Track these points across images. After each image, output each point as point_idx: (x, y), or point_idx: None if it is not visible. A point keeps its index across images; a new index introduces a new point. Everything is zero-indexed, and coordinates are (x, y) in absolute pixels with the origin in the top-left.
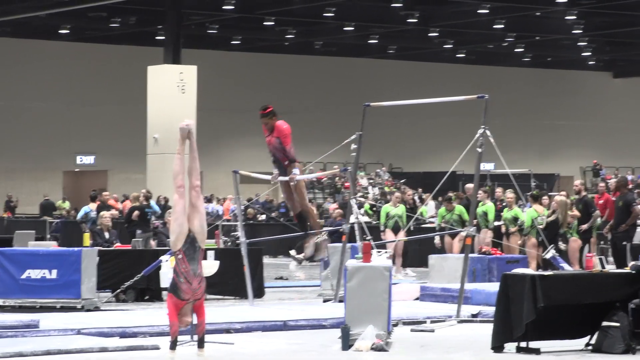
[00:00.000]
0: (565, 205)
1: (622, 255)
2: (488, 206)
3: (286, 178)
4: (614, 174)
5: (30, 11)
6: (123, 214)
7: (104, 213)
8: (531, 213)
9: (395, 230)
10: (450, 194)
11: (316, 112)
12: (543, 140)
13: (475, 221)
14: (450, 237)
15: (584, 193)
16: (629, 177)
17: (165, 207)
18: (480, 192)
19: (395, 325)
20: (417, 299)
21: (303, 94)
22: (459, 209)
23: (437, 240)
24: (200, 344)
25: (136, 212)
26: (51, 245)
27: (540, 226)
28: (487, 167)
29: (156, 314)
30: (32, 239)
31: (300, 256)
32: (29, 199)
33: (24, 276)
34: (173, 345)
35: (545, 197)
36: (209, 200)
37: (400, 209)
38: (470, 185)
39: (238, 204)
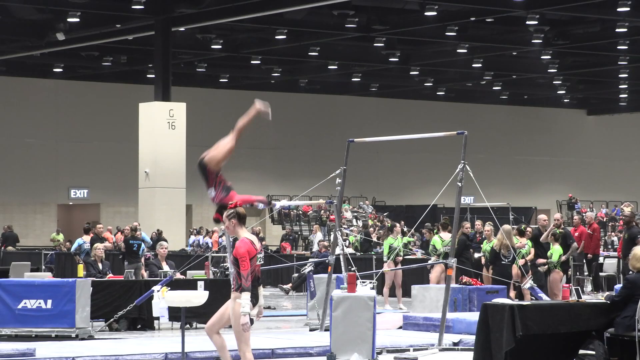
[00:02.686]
0: (509, 233)
1: None
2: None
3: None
4: (589, 207)
5: (23, 51)
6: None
7: (98, 245)
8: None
9: (396, 262)
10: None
11: (301, 147)
12: (519, 175)
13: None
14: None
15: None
16: (603, 211)
17: (158, 239)
18: (487, 228)
19: (380, 353)
20: (400, 327)
21: (288, 130)
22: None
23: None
24: None
25: (122, 245)
26: (46, 276)
27: (525, 258)
28: (467, 200)
29: (148, 343)
30: (28, 270)
31: (288, 287)
32: (23, 232)
33: (20, 306)
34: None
35: (529, 229)
36: (198, 232)
37: (401, 241)
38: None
39: (227, 236)
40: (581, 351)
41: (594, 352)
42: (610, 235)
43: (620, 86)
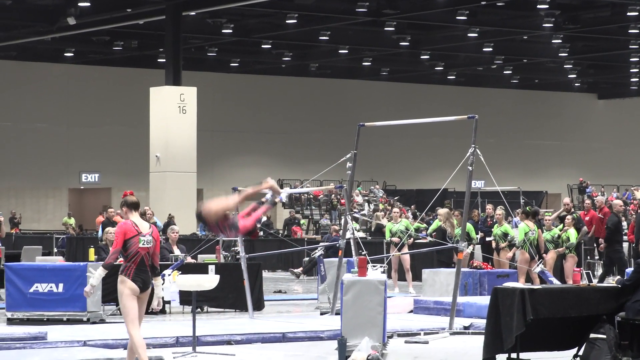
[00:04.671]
0: (448, 214)
1: None
2: (506, 227)
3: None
4: (600, 192)
5: (34, 36)
6: None
7: (109, 229)
8: (524, 229)
9: (399, 246)
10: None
11: (311, 132)
12: (530, 159)
13: (479, 236)
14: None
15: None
16: (614, 195)
17: (168, 223)
18: (498, 212)
19: (390, 337)
20: (410, 311)
21: (299, 114)
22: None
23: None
24: None
25: None
26: (58, 261)
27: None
28: (477, 184)
29: (159, 326)
30: (39, 254)
31: (298, 270)
32: (34, 217)
33: (31, 290)
34: None
35: (542, 212)
36: None
37: (403, 224)
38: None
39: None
40: (592, 335)
41: (604, 336)
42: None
43: (631, 70)
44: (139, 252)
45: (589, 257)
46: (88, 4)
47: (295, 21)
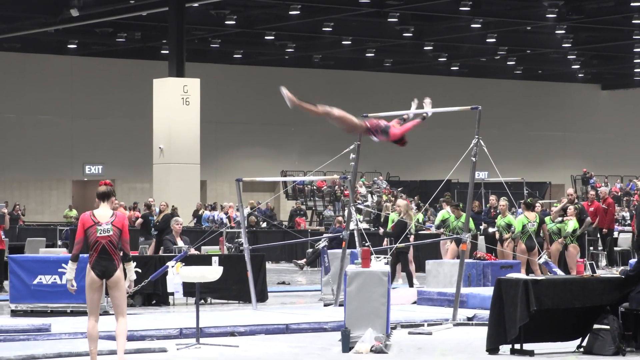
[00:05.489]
0: (407, 207)
1: None
2: (510, 218)
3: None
4: (604, 182)
5: (38, 27)
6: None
7: None
8: (522, 220)
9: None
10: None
11: (314, 123)
12: (534, 150)
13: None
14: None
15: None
16: (618, 186)
17: (172, 215)
18: (502, 203)
19: (394, 328)
20: (414, 302)
21: None
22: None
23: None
24: None
25: (139, 221)
26: (61, 252)
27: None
28: (481, 175)
29: (163, 318)
30: (43, 246)
31: (302, 262)
32: (38, 208)
33: (35, 282)
34: None
35: (538, 205)
36: (213, 208)
37: (414, 217)
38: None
39: (241, 211)
40: (595, 326)
41: (608, 327)
42: (623, 209)
43: (635, 60)
44: (98, 241)
45: (592, 248)
46: None
47: (298, 12)
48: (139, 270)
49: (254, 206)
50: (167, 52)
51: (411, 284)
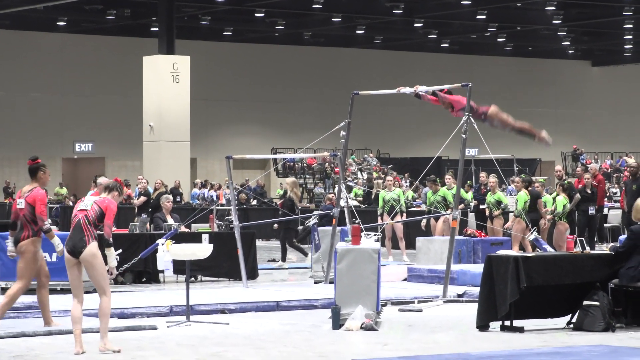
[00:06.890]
0: (294, 184)
1: None
2: (500, 194)
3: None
4: (594, 159)
5: (27, 4)
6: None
7: None
8: (523, 197)
9: (391, 214)
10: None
11: (305, 100)
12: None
13: (462, 205)
14: (435, 220)
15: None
16: (608, 162)
17: (172, 191)
18: (492, 180)
19: (384, 305)
20: (404, 280)
21: (292, 83)
22: (443, 191)
23: (423, 222)
24: None
25: (142, 199)
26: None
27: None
28: (471, 152)
29: (153, 296)
30: None
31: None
32: None
33: None
34: None
35: (534, 182)
36: (203, 185)
37: (396, 193)
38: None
39: (231, 189)
40: (585, 302)
41: (598, 303)
42: (613, 186)
43: (625, 37)
44: (76, 215)
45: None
46: None
47: None
48: (117, 258)
49: (244, 184)
50: (157, 29)
51: (285, 259)
